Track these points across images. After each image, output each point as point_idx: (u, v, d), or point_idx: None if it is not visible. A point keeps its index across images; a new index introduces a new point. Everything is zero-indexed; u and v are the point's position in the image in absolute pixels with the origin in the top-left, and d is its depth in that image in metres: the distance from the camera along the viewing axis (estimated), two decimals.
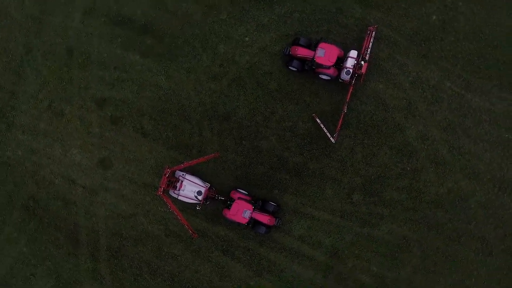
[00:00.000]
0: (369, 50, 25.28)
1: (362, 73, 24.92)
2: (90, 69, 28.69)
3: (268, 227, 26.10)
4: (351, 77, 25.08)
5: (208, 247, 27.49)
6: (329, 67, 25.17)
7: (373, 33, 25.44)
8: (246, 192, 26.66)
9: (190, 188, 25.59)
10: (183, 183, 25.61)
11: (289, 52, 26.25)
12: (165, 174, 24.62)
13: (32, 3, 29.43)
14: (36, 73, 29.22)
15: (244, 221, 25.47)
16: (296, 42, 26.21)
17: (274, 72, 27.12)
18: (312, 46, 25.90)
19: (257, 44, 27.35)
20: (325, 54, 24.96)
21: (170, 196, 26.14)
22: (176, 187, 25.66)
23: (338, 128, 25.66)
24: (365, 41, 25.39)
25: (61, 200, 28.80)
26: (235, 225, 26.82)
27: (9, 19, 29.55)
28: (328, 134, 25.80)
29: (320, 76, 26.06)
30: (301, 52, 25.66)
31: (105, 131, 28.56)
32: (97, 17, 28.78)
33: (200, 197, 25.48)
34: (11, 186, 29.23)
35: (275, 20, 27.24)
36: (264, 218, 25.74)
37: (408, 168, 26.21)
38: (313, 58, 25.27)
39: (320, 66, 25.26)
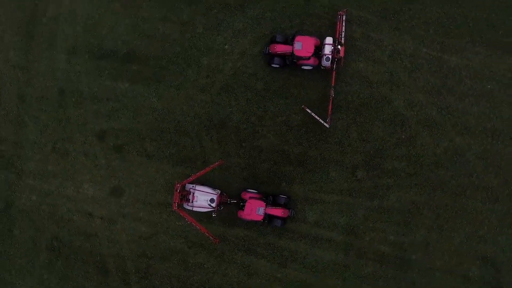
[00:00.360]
0: (343, 33, 26.41)
1: (341, 56, 26.07)
2: (85, 105, 29.80)
3: (283, 219, 27.23)
4: (332, 63, 26.23)
5: (230, 250, 28.61)
6: (309, 58, 26.31)
7: (344, 16, 26.57)
8: (255, 191, 27.79)
9: (203, 198, 26.69)
10: (195, 194, 26.72)
11: (268, 51, 27.38)
12: (176, 190, 25.74)
13: (16, 54, 30.52)
14: (34, 120, 30.32)
15: (259, 218, 26.61)
16: (273, 40, 27.35)
17: (258, 72, 28.24)
18: (289, 41, 27.03)
19: (237, 49, 28.48)
20: (302, 46, 26.10)
21: (185, 209, 27.24)
22: (189, 199, 26.76)
23: (330, 112, 26.80)
24: (338, 26, 26.53)
25: (82, 234, 29.92)
26: (252, 224, 27.97)
27: (0, 75, 30.64)
28: (321, 120, 26.91)
29: (303, 67, 27.21)
30: (280, 48, 26.80)
31: (111, 161, 29.66)
32: (81, 55, 29.87)
33: (213, 204, 26.60)
34: (33, 231, 30.35)
35: (249, 24, 28.37)
36: (277, 212, 26.88)
37: (403, 137, 27.36)
38: (292, 52, 26.43)
39: (300, 58, 26.42)
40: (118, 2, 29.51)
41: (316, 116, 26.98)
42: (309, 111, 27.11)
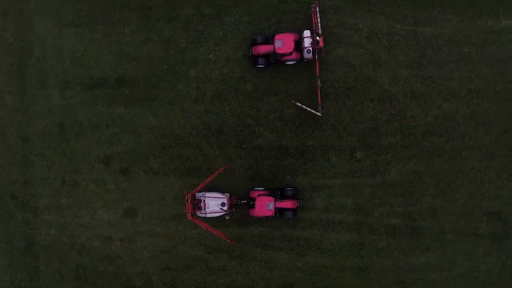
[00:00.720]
0: (319, 24, 27.48)
1: (321, 46, 27.15)
2: (86, 135, 30.84)
3: (293, 210, 28.33)
4: (313, 54, 27.33)
5: (249, 248, 29.69)
6: (290, 53, 27.42)
7: (317, 8, 27.63)
8: (263, 188, 28.88)
9: (214, 203, 27.78)
10: (206, 201, 27.80)
11: (251, 53, 28.46)
12: (187, 200, 26.84)
13: (12, 98, 31.54)
14: (40, 157, 31.37)
15: (270, 213, 27.71)
16: (254, 43, 28.44)
17: (246, 75, 29.31)
18: (270, 40, 28.09)
19: (222, 57, 29.54)
20: (283, 43, 27.22)
21: (199, 217, 28.30)
22: (201, 207, 27.84)
23: (320, 101, 27.86)
24: (313, 18, 27.61)
25: (105, 259, 30.98)
26: (264, 220, 29.07)
27: (1, 120, 31.66)
28: (312, 110, 27.98)
29: (286, 63, 28.31)
30: (262, 49, 27.89)
31: (120, 184, 30.71)
32: (74, 87, 30.90)
33: (225, 208, 27.67)
34: (58, 264, 31.41)
35: (229, 31, 29.43)
36: (287, 204, 27.98)
37: (393, 112, 28.45)
38: (274, 51, 27.54)
39: (283, 55, 27.53)
40: (100, 32, 30.54)
41: (307, 108, 28.04)
42: (299, 104, 28.18)
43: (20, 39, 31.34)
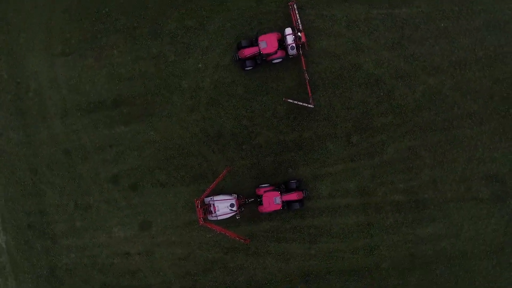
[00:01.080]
0: (299, 20, 28.52)
1: (304, 41, 28.21)
2: (91, 158, 31.93)
3: (300, 201, 29.40)
4: (297, 49, 28.39)
5: (262, 244, 30.78)
6: (275, 52, 28.48)
7: (295, 5, 28.69)
8: (267, 184, 29.95)
9: (223, 206, 28.83)
10: (215, 205, 28.85)
11: (238, 57, 29.51)
12: (197, 206, 27.85)
13: (15, 132, 32.62)
14: (50, 186, 32.44)
15: (278, 207, 28.79)
16: (240, 47, 29.49)
17: (236, 79, 30.38)
18: (254, 43, 29.16)
19: (210, 64, 30.60)
20: (267, 44, 28.29)
21: (211, 221, 29.34)
22: (211, 211, 28.89)
23: (310, 94, 28.91)
24: (292, 15, 28.66)
25: (127, 274, 32.08)
26: (274, 215, 30.17)
27: (5, 155, 32.80)
28: (304, 104, 29.02)
29: (273, 62, 29.37)
30: (248, 52, 28.95)
31: (131, 200, 31.80)
32: (74, 114, 31.97)
33: (234, 208, 28.72)
34: (82, 285, 32.51)
35: (213, 39, 30.48)
36: (293, 196, 29.06)
37: (382, 94, 29.50)
38: (259, 52, 28.61)
39: (268, 54, 28.61)
40: (91, 57, 31.59)
41: (299, 102, 29.09)
42: (291, 100, 29.23)
43: (15, 75, 32.41)
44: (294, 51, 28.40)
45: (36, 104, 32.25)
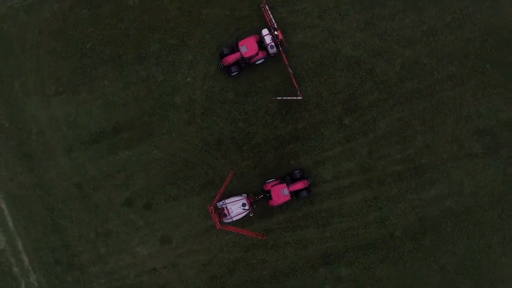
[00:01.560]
0: (273, 20, 29.96)
1: (281, 39, 29.66)
2: (103, 186, 33.26)
3: (307, 189, 30.85)
4: (277, 47, 29.87)
5: (279, 236, 32.19)
6: (257, 54, 29.93)
7: (266, 6, 30.12)
8: (273, 179, 31.40)
9: (235, 207, 30.24)
10: (228, 207, 30.26)
11: (223, 65, 30.93)
12: (211, 212, 29.31)
13: (25, 176, 33.87)
14: (68, 220, 33.76)
15: (287, 198, 30.24)
16: (222, 55, 30.91)
17: (225, 86, 31.79)
18: (235, 49, 30.56)
19: (198, 77, 31.99)
20: (247, 47, 29.74)
21: (227, 223, 30.75)
22: (226, 214, 30.31)
23: (297, 86, 30.36)
24: (266, 16, 30.10)
25: None
26: (284, 206, 31.58)
27: (21, 199, 34.01)
28: (293, 97, 30.46)
29: (256, 63, 30.83)
30: (231, 58, 30.37)
31: (147, 218, 33.15)
32: (77, 148, 33.31)
33: (246, 207, 30.14)
34: None
35: (196, 52, 31.84)
36: (299, 185, 30.51)
37: (364, 73, 30.95)
38: (242, 57, 30.03)
39: (251, 57, 30.06)
40: (84, 92, 32.91)
41: (287, 97, 30.53)
42: (280, 97, 30.66)
43: (15, 122, 33.67)
44: (274, 50, 29.83)
45: (41, 145, 33.55)
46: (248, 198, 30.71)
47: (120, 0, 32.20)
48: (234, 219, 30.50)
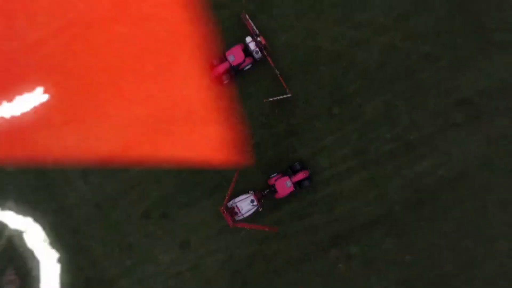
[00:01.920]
0: (254, 27, 32.24)
1: (264, 44, 31.98)
2: (119, 203, 35.34)
3: (308, 178, 33.11)
4: (262, 52, 32.18)
5: (289, 225, 34.36)
6: (244, 61, 32.23)
7: (246, 15, 32.39)
8: (276, 173, 33.64)
9: (245, 204, 32.56)
10: (238, 205, 32.56)
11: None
12: (223, 212, 31.63)
13: (47, 204, 35.77)
14: (93, 239, 35.75)
15: (291, 189, 32.57)
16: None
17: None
18: (224, 58, 32.80)
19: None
20: (234, 56, 32.04)
21: (239, 221, 33.01)
22: (237, 212, 32.61)
23: (285, 85, 32.64)
24: (247, 24, 32.37)
25: None
26: (289, 197, 33.76)
27: (46, 226, 35.97)
28: (283, 96, 32.68)
29: (245, 69, 33.12)
30: (221, 68, 32.62)
31: (165, 227, 35.19)
32: (91, 171, 35.47)
33: (255, 203, 32.44)
34: None
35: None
36: (301, 176, 32.79)
37: (345, 64, 33.16)
38: (231, 65, 32.31)
39: (239, 65, 32.37)
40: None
41: (278, 97, 32.74)
42: (271, 98, 32.87)
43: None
44: (259, 55, 32.14)
45: (58, 174, 35.76)
46: (255, 194, 32.96)
47: None
48: (245, 215, 32.79)
